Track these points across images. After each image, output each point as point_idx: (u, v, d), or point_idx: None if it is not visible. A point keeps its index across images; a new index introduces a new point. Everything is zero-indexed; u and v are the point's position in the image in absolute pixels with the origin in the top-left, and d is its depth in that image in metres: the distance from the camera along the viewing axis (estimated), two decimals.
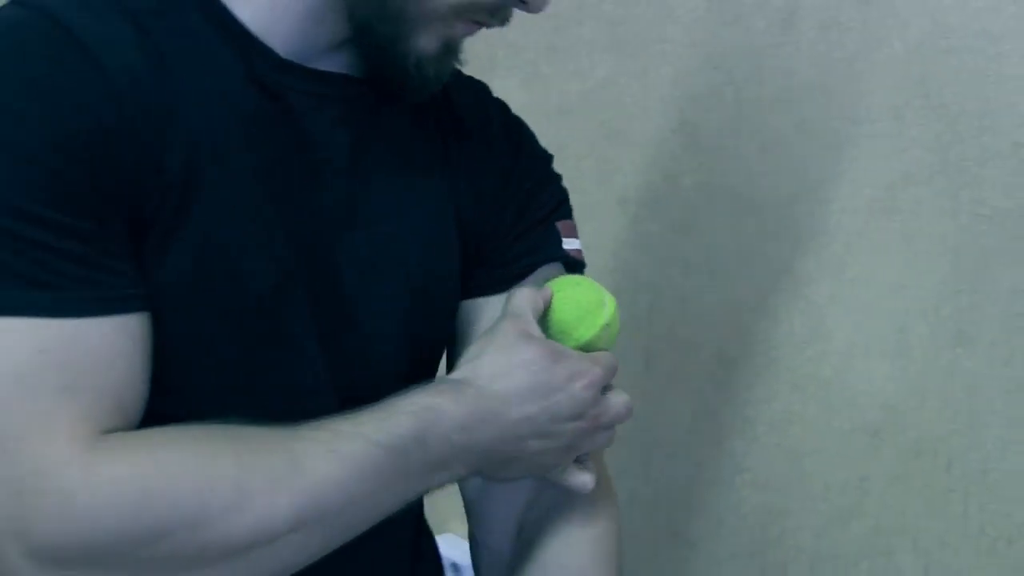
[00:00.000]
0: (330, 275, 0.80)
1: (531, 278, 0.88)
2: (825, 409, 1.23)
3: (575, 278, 0.86)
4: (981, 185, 1.08)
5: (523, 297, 0.81)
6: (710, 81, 1.31)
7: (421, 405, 0.73)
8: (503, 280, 0.88)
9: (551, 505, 0.88)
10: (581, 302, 0.83)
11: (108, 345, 0.68)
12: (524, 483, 0.86)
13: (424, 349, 0.89)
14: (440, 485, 0.76)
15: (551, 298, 0.82)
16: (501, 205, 0.89)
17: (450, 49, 0.79)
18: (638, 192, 1.38)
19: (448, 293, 0.88)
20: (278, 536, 0.67)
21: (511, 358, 0.77)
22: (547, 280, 0.85)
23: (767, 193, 1.26)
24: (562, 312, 0.82)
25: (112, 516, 0.64)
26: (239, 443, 0.69)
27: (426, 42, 0.77)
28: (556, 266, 0.90)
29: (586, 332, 0.82)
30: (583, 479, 0.83)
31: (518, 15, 0.79)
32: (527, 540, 0.89)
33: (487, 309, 0.88)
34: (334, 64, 0.81)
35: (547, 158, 0.95)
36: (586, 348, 0.81)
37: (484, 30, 0.80)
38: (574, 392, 0.78)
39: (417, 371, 0.86)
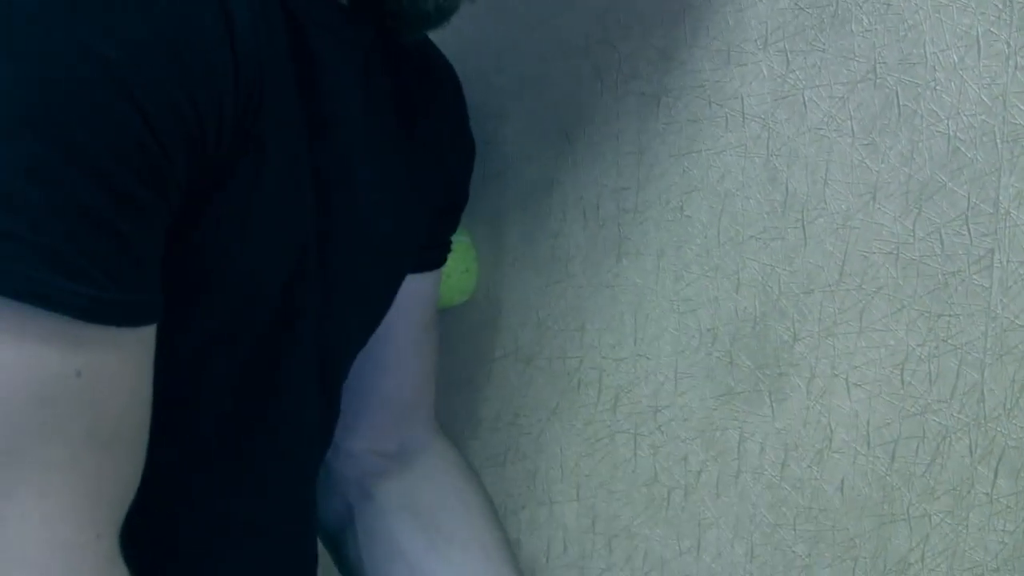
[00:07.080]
0: (335, 242, 0.68)
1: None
2: (472, 332, 1.01)
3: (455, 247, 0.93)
4: (633, 57, 0.86)
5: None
6: None
7: None
8: (435, 261, 0.88)
9: None
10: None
11: (131, 371, 0.50)
12: None
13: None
14: None
15: None
16: (441, 186, 0.84)
17: None
18: None
19: (406, 268, 0.83)
20: None
21: None
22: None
23: None
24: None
25: None
26: None
27: None
28: None
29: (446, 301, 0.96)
30: None
31: None
32: None
33: (419, 285, 0.86)
34: None
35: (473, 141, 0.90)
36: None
37: None
38: None
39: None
